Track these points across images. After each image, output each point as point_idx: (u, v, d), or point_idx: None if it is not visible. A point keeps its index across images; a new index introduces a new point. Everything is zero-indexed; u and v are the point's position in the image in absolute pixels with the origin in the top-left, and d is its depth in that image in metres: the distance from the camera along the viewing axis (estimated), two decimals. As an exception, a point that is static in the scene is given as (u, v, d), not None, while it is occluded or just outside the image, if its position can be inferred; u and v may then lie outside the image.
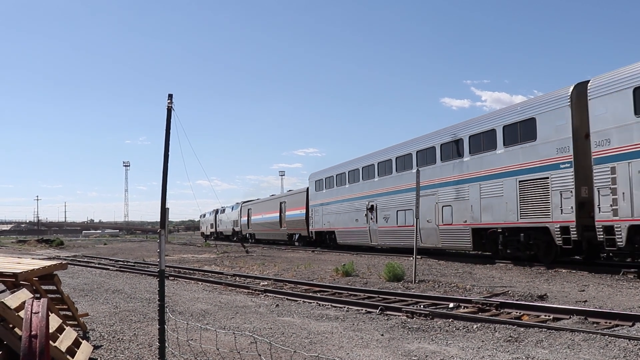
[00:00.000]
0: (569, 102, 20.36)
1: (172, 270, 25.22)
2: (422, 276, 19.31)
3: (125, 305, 13.97)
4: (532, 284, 16.98)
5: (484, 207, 24.59)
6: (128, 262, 32.45)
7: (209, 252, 43.57)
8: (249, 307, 13.43)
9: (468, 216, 25.67)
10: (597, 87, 18.97)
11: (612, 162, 18.04)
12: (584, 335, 9.01)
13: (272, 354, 7.84)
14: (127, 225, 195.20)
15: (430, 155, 29.05)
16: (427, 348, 8.62)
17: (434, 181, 28.05)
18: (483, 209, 24.63)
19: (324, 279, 19.82)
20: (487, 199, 24.36)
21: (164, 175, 34.85)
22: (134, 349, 8.84)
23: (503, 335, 9.42)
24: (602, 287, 15.76)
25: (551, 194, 20.84)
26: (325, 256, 33.95)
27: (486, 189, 24.45)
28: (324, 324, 10.90)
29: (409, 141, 32.14)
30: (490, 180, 24.27)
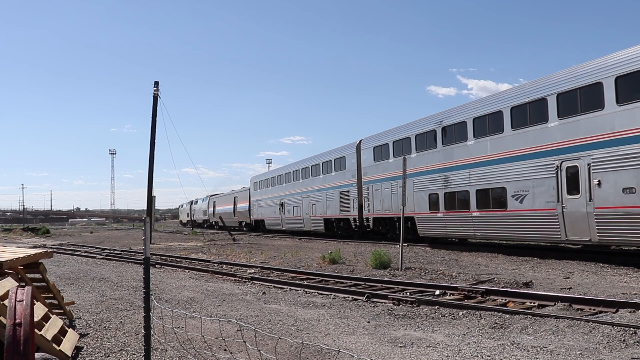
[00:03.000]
0: (355, 150, 36.52)
1: (158, 258, 25.19)
2: (408, 264, 19.36)
3: (112, 294, 13.94)
4: (517, 271, 17.07)
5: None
6: (114, 250, 32.38)
7: (196, 240, 43.49)
8: (235, 295, 13.43)
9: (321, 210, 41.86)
10: (363, 143, 35.41)
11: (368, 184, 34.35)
12: (569, 322, 9.08)
13: (258, 341, 7.85)
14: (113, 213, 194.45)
15: (313, 170, 43.99)
16: (413, 335, 8.66)
17: (309, 188, 44.45)
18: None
19: (311, 267, 19.85)
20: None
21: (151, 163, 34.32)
22: (120, 337, 8.83)
23: (488, 322, 9.48)
24: (586, 274, 15.87)
25: (351, 200, 36.71)
26: (312, 244, 33.99)
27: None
28: (311, 312, 10.92)
29: (306, 159, 46.67)
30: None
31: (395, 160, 30.39)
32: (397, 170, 28.48)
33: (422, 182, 28.05)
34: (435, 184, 27.11)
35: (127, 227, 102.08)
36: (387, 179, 31.70)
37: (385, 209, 32.07)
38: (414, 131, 29.01)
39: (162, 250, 30.81)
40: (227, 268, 20.55)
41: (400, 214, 20.16)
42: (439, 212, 26.80)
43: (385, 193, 31.92)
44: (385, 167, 32.09)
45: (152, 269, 19.77)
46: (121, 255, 28.34)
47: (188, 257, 25.68)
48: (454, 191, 25.71)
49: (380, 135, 33.40)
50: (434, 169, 27.19)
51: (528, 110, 21.19)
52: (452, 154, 25.83)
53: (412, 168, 27.36)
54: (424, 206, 27.95)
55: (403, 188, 19.62)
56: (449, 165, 26.12)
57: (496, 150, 22.81)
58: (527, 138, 21.22)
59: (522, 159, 21.57)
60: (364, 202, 34.64)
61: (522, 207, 21.54)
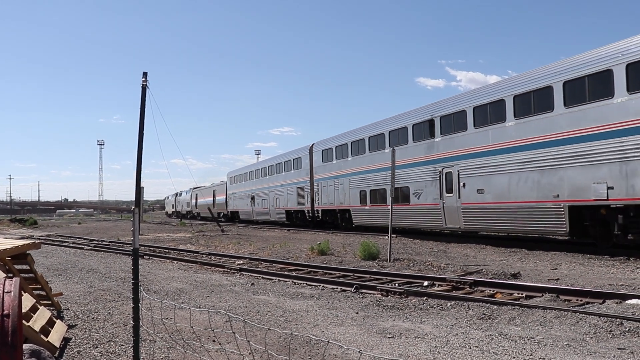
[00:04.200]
0: (308, 152, 42.19)
1: (147, 249, 25.16)
2: (397, 255, 19.41)
3: (100, 285, 13.91)
4: (505, 262, 17.15)
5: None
6: (103, 241, 32.30)
7: (185, 231, 43.42)
8: (224, 286, 13.43)
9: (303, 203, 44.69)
10: (315, 147, 40.86)
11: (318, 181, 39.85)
12: (556, 313, 9.13)
13: (247, 332, 7.86)
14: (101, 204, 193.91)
15: (277, 168, 49.92)
16: (402, 326, 8.69)
17: (274, 184, 50.37)
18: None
19: (300, 258, 19.87)
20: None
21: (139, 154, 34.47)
22: (109, 328, 8.82)
23: (476, 312, 9.52)
24: (574, 265, 15.96)
25: (305, 194, 42.19)
26: (301, 235, 34.01)
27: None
28: (299, 302, 10.94)
29: (272, 158, 53.91)
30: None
31: (337, 162, 37.37)
32: (339, 171, 36.90)
33: (355, 181, 34.50)
34: (364, 183, 33.47)
35: (115, 218, 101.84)
36: (332, 177, 38.03)
37: (330, 202, 38.41)
38: (350, 139, 35.71)
39: (150, 241, 30.74)
40: (215, 259, 20.56)
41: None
42: (366, 206, 33.33)
43: (330, 189, 38.27)
44: (330, 168, 38.48)
45: (141, 260, 19.72)
46: (109, 246, 28.28)
47: (177, 248, 25.67)
48: (376, 189, 32.12)
49: (327, 140, 39.92)
50: (363, 170, 33.61)
51: (422, 128, 27.69)
52: (375, 159, 32.15)
53: (348, 169, 35.44)
54: (356, 200, 34.41)
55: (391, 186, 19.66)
56: (372, 168, 32.47)
57: (403, 157, 27.81)
58: (422, 148, 27.46)
59: (419, 165, 27.65)
60: (315, 196, 40.97)
61: (419, 202, 27.67)
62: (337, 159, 37.36)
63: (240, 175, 62.79)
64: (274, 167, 50.99)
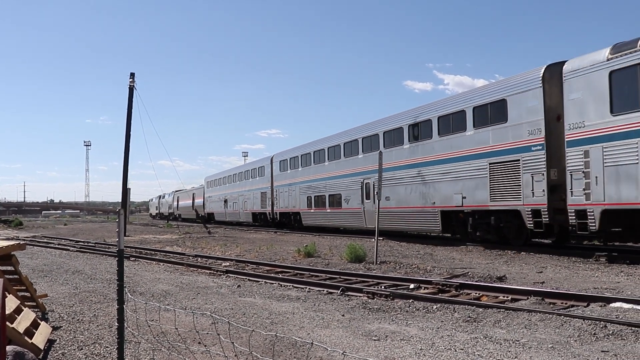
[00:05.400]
0: (270, 162, 47.10)
1: (133, 250, 25.04)
2: (383, 257, 19.45)
3: (85, 286, 13.84)
4: (491, 265, 17.22)
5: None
6: (89, 242, 32.14)
7: (171, 233, 43.32)
8: (210, 288, 13.41)
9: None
10: (274, 158, 42.94)
11: (277, 187, 44.24)
12: (541, 316, 9.18)
13: (232, 334, 7.84)
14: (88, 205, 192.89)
15: (246, 175, 55.78)
16: (387, 328, 8.70)
17: (243, 189, 56.07)
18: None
19: (286, 260, 19.87)
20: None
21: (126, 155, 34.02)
22: (94, 330, 8.78)
23: (462, 315, 9.55)
24: (559, 268, 16.05)
25: (267, 199, 43.97)
26: (288, 237, 34.02)
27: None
28: (285, 305, 10.93)
29: (242, 165, 63.22)
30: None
31: (291, 172, 43.49)
32: (292, 179, 43.03)
33: (304, 188, 40.60)
34: (310, 190, 39.61)
35: (101, 220, 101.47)
36: (287, 184, 44.13)
37: (286, 206, 44.40)
38: (301, 152, 42.03)
39: (136, 243, 30.63)
40: (202, 261, 20.50)
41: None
42: (312, 209, 39.55)
43: (286, 195, 44.39)
44: (285, 176, 44.64)
45: (127, 262, 19.64)
46: (95, 247, 28.15)
47: (163, 250, 25.59)
48: (319, 195, 38.35)
49: (284, 152, 46.39)
50: (309, 179, 39.77)
51: (351, 146, 33.97)
52: (318, 170, 38.56)
53: (299, 178, 41.60)
54: (304, 205, 40.60)
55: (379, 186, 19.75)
56: (316, 178, 38.78)
57: (337, 169, 35.49)
58: (351, 163, 33.91)
59: (348, 176, 34.04)
60: (274, 200, 47.16)
61: (348, 206, 34.06)
62: (290, 169, 43.74)
63: (215, 180, 69.00)
64: (243, 173, 57.18)
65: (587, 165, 17.89)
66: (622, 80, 16.99)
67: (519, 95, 20.96)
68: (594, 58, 17.98)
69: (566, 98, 18.78)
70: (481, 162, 22.63)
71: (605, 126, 17.33)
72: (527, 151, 20.50)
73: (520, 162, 20.74)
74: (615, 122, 17.04)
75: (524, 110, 20.68)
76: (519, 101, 20.94)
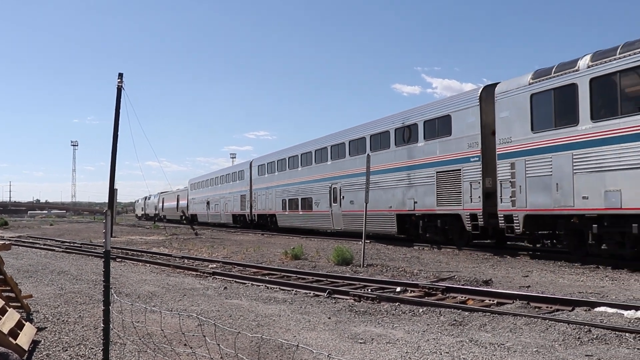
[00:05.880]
0: (249, 167, 50.49)
1: (119, 251, 24.96)
2: (370, 260, 19.48)
3: (71, 287, 13.78)
4: (477, 269, 17.28)
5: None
6: (75, 243, 31.97)
7: (158, 234, 43.20)
8: (196, 290, 13.38)
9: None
10: (253, 163, 46.83)
11: (255, 191, 47.82)
12: (526, 319, 9.22)
13: (218, 336, 7.84)
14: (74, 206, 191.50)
15: (227, 178, 58.65)
16: (373, 331, 8.72)
17: (224, 192, 58.86)
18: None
19: (273, 262, 19.86)
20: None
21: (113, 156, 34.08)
22: (79, 331, 8.74)
23: (448, 319, 9.58)
24: (544, 273, 16.14)
25: (246, 201, 47.93)
26: (275, 239, 34.03)
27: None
28: (272, 307, 10.93)
29: (223, 169, 63.35)
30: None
31: (268, 176, 46.34)
32: (269, 183, 45.78)
33: (279, 192, 43.40)
34: (284, 193, 42.37)
35: (88, 220, 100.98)
36: (264, 188, 46.86)
37: (263, 208, 47.19)
38: (277, 158, 44.97)
39: (123, 244, 30.52)
40: (188, 262, 20.45)
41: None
42: (286, 211, 42.14)
43: (263, 198, 47.16)
44: (263, 180, 47.42)
45: (113, 263, 19.57)
46: (81, 248, 28.01)
47: (149, 251, 25.51)
48: (292, 198, 40.98)
49: (262, 157, 49.25)
50: (284, 183, 42.51)
51: (321, 153, 36.70)
52: (292, 175, 41.22)
53: (275, 182, 44.39)
54: (280, 207, 43.26)
55: (367, 190, 19.78)
56: (290, 182, 41.39)
57: (309, 174, 38.15)
58: (320, 169, 36.60)
59: (319, 181, 36.58)
60: (253, 203, 49.89)
61: (319, 209, 36.47)
62: (268, 174, 46.61)
63: (199, 182, 71.75)
64: (224, 177, 59.93)
65: (513, 176, 20.25)
66: (540, 102, 19.41)
67: (461, 112, 23.63)
68: (519, 82, 20.45)
69: (497, 116, 21.25)
70: (430, 171, 25.35)
71: (527, 142, 19.73)
72: (466, 162, 23.11)
73: (461, 171, 23.34)
74: (535, 138, 19.43)
75: (465, 125, 23.28)
76: (461, 117, 23.59)
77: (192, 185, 75.26)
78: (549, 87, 18.96)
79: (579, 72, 17.81)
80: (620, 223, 16.71)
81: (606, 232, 17.25)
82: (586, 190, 17.47)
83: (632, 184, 16.08)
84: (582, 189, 17.60)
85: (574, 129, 17.92)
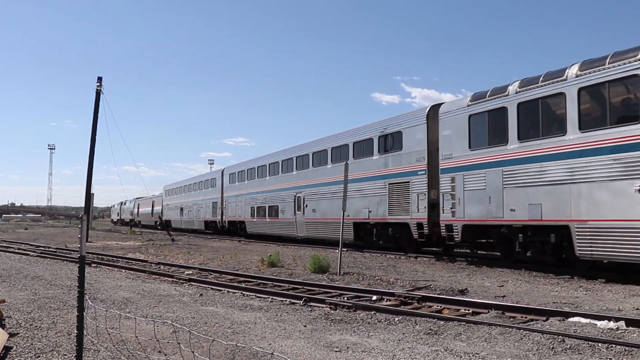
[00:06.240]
0: (220, 175, 52.76)
1: (95, 257, 24.78)
2: (347, 269, 19.50)
3: (45, 292, 13.64)
4: (454, 278, 17.35)
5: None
6: (49, 247, 31.67)
7: (134, 240, 42.92)
8: (172, 296, 13.31)
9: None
10: (225, 171, 50.37)
11: (226, 198, 50.01)
12: (501, 329, 9.28)
13: (193, 343, 7.79)
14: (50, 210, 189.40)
15: (200, 186, 60.85)
16: (349, 339, 8.72)
17: (197, 198, 60.64)
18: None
19: (250, 269, 19.81)
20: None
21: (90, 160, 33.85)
22: (52, 337, 8.65)
23: (423, 328, 9.61)
24: (520, 282, 16.24)
25: (218, 208, 50.26)
26: (252, 246, 33.95)
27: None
28: (248, 314, 10.90)
29: (196, 176, 65.78)
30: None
31: (238, 184, 48.25)
32: (239, 191, 47.70)
33: (248, 199, 45.17)
34: (253, 201, 44.19)
35: (63, 225, 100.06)
36: (235, 195, 48.78)
37: (233, 215, 48.90)
38: (246, 167, 46.87)
39: (99, 249, 30.28)
40: (164, 268, 20.35)
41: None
42: (254, 219, 43.75)
43: (233, 205, 48.97)
44: (233, 188, 49.32)
45: (88, 268, 19.41)
46: (56, 253, 27.75)
47: (125, 257, 25.34)
48: (260, 206, 42.69)
49: (233, 166, 51.63)
50: (253, 192, 44.24)
51: (288, 164, 38.51)
52: (261, 184, 42.93)
53: (245, 190, 46.32)
54: (248, 214, 45.04)
55: (344, 198, 19.82)
56: (258, 190, 43.22)
57: (276, 183, 40.00)
58: (286, 178, 38.45)
59: (285, 190, 38.25)
60: (224, 210, 51.74)
61: (285, 216, 38.17)
62: (238, 182, 48.56)
63: (173, 189, 73.35)
64: (197, 184, 61.95)
65: (453, 189, 22.14)
66: (477, 123, 21.32)
67: (411, 129, 25.70)
68: (459, 103, 22.54)
69: (441, 134, 23.18)
70: (383, 183, 27.25)
71: (465, 158, 21.66)
72: (415, 175, 25.13)
73: (410, 183, 25.38)
74: (472, 155, 21.38)
75: (414, 141, 25.34)
76: (411, 133, 25.66)
77: (166, 191, 76.68)
78: (484, 110, 20.94)
79: (509, 97, 19.79)
80: (541, 233, 18.70)
81: (530, 241, 19.33)
82: (513, 203, 19.45)
83: (550, 198, 18.06)
84: (510, 202, 19.58)
85: (504, 148, 19.94)
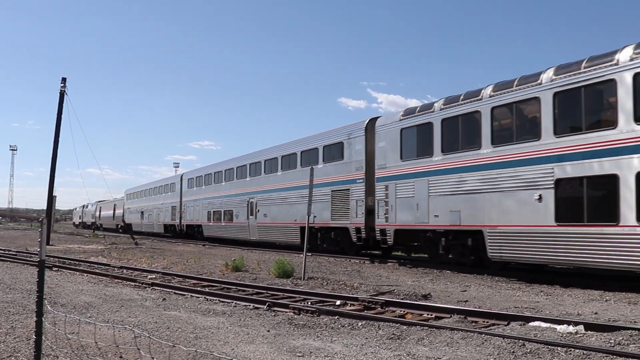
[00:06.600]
0: (179, 180, 54.48)
1: (56, 260, 24.43)
2: (311, 273, 19.50)
3: (4, 297, 13.41)
4: (417, 283, 17.46)
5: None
6: (9, 251, 31.12)
7: (97, 243, 42.44)
8: (134, 301, 13.18)
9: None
10: (184, 176, 53.80)
11: (185, 202, 52.13)
12: (463, 334, 9.36)
13: (155, 349, 7.73)
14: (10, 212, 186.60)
15: (160, 190, 62.08)
16: (312, 344, 8.72)
17: (157, 202, 62.52)
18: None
19: (214, 274, 19.71)
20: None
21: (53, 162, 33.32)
22: (11, 342, 8.51)
23: (386, 332, 9.65)
24: (482, 287, 16.41)
25: (177, 212, 52.61)
26: (216, 251, 33.80)
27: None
28: (211, 319, 10.84)
29: (156, 180, 67.47)
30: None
31: (196, 189, 49.90)
32: (197, 195, 49.33)
33: (205, 204, 46.73)
34: (209, 206, 45.68)
35: (24, 227, 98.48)
36: (193, 200, 50.49)
37: (191, 219, 50.43)
38: (204, 172, 48.84)
39: (60, 253, 29.86)
40: (127, 273, 20.16)
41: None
42: (211, 222, 45.36)
43: (191, 209, 50.59)
44: (192, 193, 51.07)
45: (49, 272, 19.14)
46: (16, 256, 27.28)
47: (87, 261, 25.05)
48: (216, 210, 44.22)
49: (192, 171, 53.72)
50: (209, 197, 45.92)
51: (242, 170, 40.10)
52: (217, 189, 44.59)
53: (202, 195, 47.90)
54: (205, 218, 46.59)
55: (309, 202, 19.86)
56: (214, 196, 45.03)
57: (231, 189, 41.73)
58: (240, 184, 40.13)
59: (238, 195, 40.12)
60: (182, 214, 53.26)
61: (238, 220, 39.81)
62: (196, 187, 50.14)
63: (134, 193, 74.76)
64: (157, 188, 63.44)
65: (387, 196, 24.08)
66: (408, 136, 23.33)
67: (351, 140, 27.72)
68: (393, 117, 24.59)
69: (376, 145, 25.13)
70: (327, 189, 29.04)
71: (397, 168, 23.61)
72: (354, 183, 27.14)
73: (350, 191, 27.40)
74: (403, 166, 23.38)
75: (354, 151, 27.37)
76: (351, 144, 27.67)
77: (128, 195, 78.07)
78: (413, 124, 22.99)
79: (434, 113, 21.79)
80: (461, 237, 20.60)
81: (452, 244, 21.19)
82: (437, 210, 21.36)
83: (467, 206, 19.97)
84: (434, 209, 21.51)
85: (430, 160, 21.91)
